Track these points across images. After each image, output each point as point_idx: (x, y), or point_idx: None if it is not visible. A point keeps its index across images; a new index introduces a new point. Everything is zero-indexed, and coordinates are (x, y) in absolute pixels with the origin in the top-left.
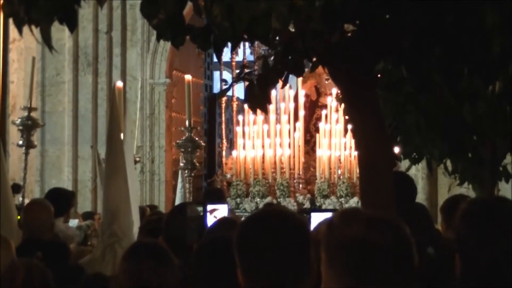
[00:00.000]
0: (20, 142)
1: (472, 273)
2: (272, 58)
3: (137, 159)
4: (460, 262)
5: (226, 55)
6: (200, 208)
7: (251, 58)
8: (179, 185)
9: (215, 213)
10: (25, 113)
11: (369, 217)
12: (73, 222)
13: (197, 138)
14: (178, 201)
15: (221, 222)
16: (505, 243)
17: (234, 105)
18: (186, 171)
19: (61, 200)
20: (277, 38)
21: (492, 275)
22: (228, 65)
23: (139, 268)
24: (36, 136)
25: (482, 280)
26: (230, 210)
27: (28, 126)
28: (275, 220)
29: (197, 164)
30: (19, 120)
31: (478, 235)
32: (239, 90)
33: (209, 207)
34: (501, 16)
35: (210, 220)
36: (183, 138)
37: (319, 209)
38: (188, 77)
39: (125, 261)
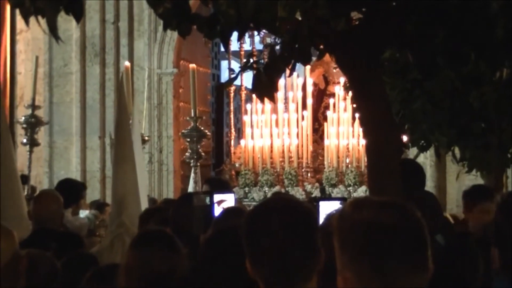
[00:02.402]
0: (24, 140)
1: (510, 263)
2: (279, 46)
3: (146, 138)
4: (498, 253)
5: (235, 44)
6: (207, 198)
7: (261, 47)
8: (192, 175)
9: (223, 204)
10: (30, 111)
11: (379, 202)
12: (84, 213)
13: (202, 128)
14: (190, 191)
15: (228, 211)
16: None
17: (243, 94)
18: (192, 161)
19: (69, 192)
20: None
21: None
22: (237, 54)
23: (149, 255)
24: (41, 131)
25: None
26: (237, 200)
27: (32, 124)
28: (283, 208)
29: (203, 153)
30: (23, 118)
31: None
32: (248, 79)
33: (217, 197)
34: (505, 0)
35: (218, 211)
36: (188, 127)
37: (328, 198)
38: (192, 66)
39: (134, 248)
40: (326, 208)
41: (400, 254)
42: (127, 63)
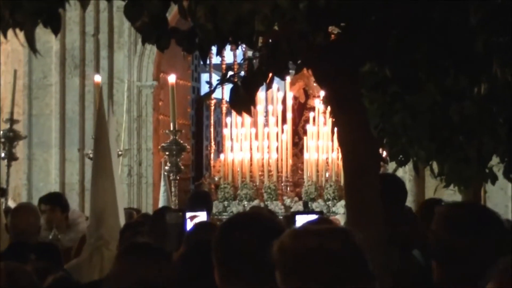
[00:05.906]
0: (3, 155)
1: (458, 278)
2: (257, 60)
3: (120, 152)
4: (442, 268)
5: (216, 57)
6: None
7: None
8: (162, 188)
9: (194, 220)
10: (8, 125)
11: (318, 229)
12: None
13: (181, 141)
14: (161, 204)
15: (198, 226)
16: (492, 248)
17: (224, 107)
18: (172, 174)
19: None
20: (261, 40)
21: (479, 280)
22: (218, 67)
23: (138, 264)
24: (20, 144)
25: (467, 285)
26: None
27: (10, 138)
28: (251, 224)
29: (182, 167)
30: (1, 132)
31: (468, 240)
32: (228, 92)
33: (189, 214)
34: (484, 15)
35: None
36: (168, 141)
37: (304, 212)
38: (171, 79)
39: (124, 259)
40: (303, 222)
41: (343, 276)
42: (97, 78)
